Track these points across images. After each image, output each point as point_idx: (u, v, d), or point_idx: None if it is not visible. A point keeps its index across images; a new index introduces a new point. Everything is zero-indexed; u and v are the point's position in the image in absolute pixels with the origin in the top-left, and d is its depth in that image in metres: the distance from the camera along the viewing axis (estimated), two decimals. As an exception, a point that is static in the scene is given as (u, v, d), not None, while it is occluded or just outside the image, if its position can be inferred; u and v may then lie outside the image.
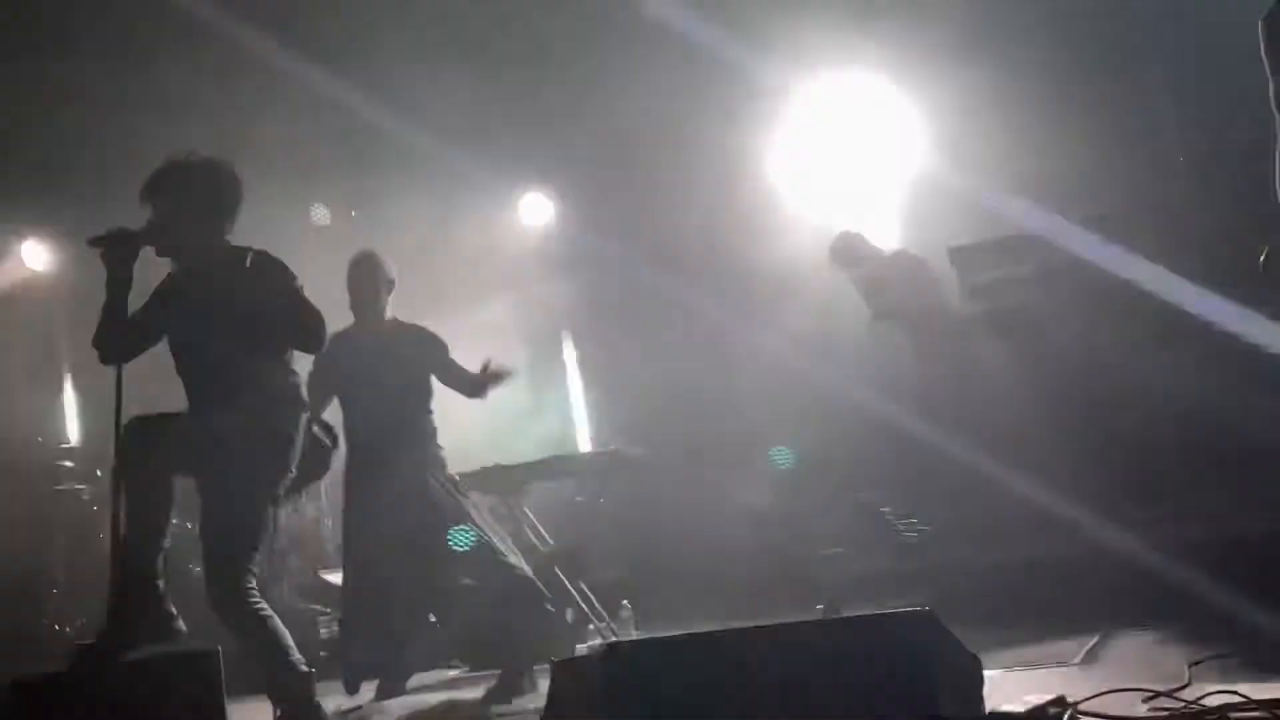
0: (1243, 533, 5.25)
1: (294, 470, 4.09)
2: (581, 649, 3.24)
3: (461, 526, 5.36)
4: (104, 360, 4.05)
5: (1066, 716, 2.58)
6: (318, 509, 8.24)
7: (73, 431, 8.69)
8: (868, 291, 7.36)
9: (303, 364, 4.33)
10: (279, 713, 3.92)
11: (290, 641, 3.99)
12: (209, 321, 4.04)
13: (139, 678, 3.35)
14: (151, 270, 4.21)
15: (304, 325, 4.04)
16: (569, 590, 6.67)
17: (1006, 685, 3.18)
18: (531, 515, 7.16)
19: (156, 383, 4.28)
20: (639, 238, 8.73)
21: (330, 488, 8.05)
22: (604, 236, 9.01)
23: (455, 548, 5.28)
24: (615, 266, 8.90)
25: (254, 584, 3.97)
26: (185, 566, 5.35)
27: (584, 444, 9.50)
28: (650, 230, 8.70)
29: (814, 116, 8.53)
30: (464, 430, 6.32)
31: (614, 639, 5.55)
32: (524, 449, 7.88)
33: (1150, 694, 2.85)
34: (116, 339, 4.04)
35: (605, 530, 8.08)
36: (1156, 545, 5.45)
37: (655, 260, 8.54)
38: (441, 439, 5.74)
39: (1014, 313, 6.28)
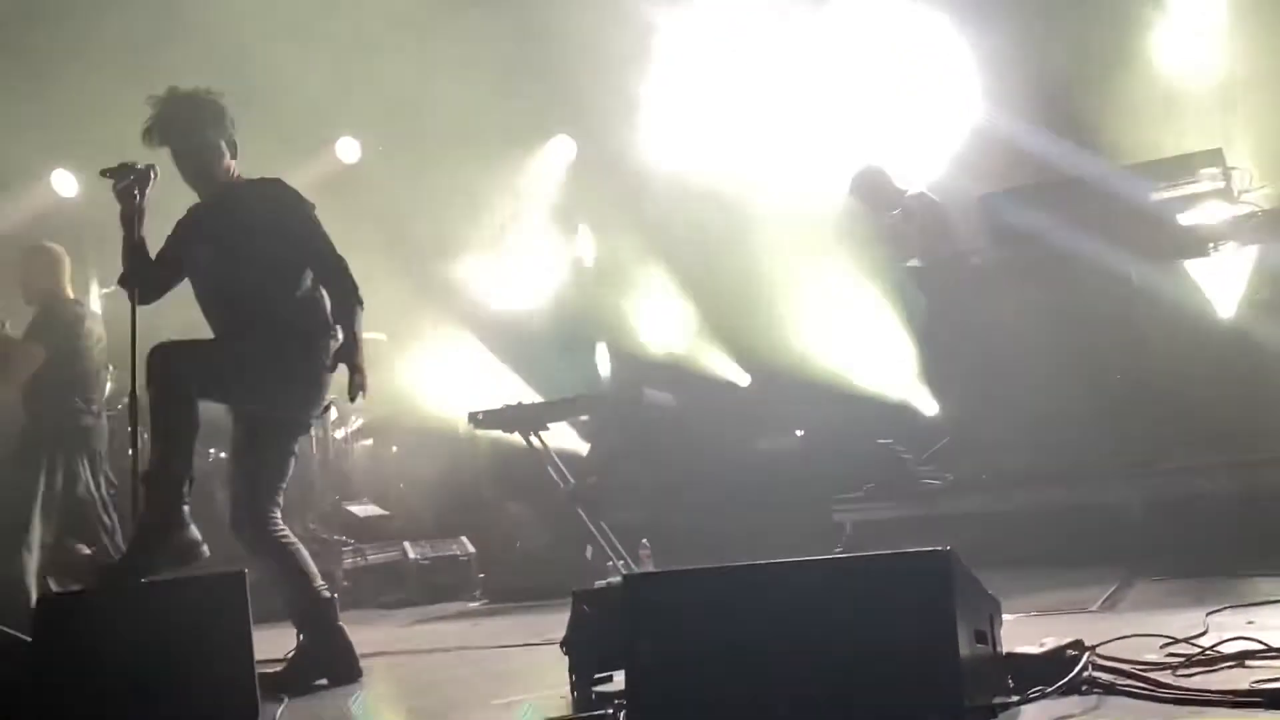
0: (1263, 486, 5.22)
1: (319, 400, 4.12)
2: (600, 583, 3.28)
3: None
4: (140, 301, 4.07)
5: (1084, 659, 2.58)
6: (342, 439, 8.33)
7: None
8: (884, 237, 7.32)
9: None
10: (302, 637, 3.98)
11: (314, 569, 4.06)
12: (225, 252, 4.07)
13: (166, 598, 3.40)
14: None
15: (318, 252, 4.03)
16: (590, 528, 6.75)
17: (1025, 628, 3.20)
18: (554, 454, 7.22)
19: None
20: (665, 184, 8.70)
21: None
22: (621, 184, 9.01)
23: None
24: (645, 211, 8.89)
25: (278, 513, 4.04)
26: (207, 491, 5.42)
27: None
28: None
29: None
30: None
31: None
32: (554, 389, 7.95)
33: (1168, 640, 2.86)
34: (142, 276, 4.06)
35: (626, 471, 8.14)
36: (1177, 496, 5.44)
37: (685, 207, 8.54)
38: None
39: (1036, 260, 6.22)
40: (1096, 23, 7.42)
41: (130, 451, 3.91)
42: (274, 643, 4.02)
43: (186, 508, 3.75)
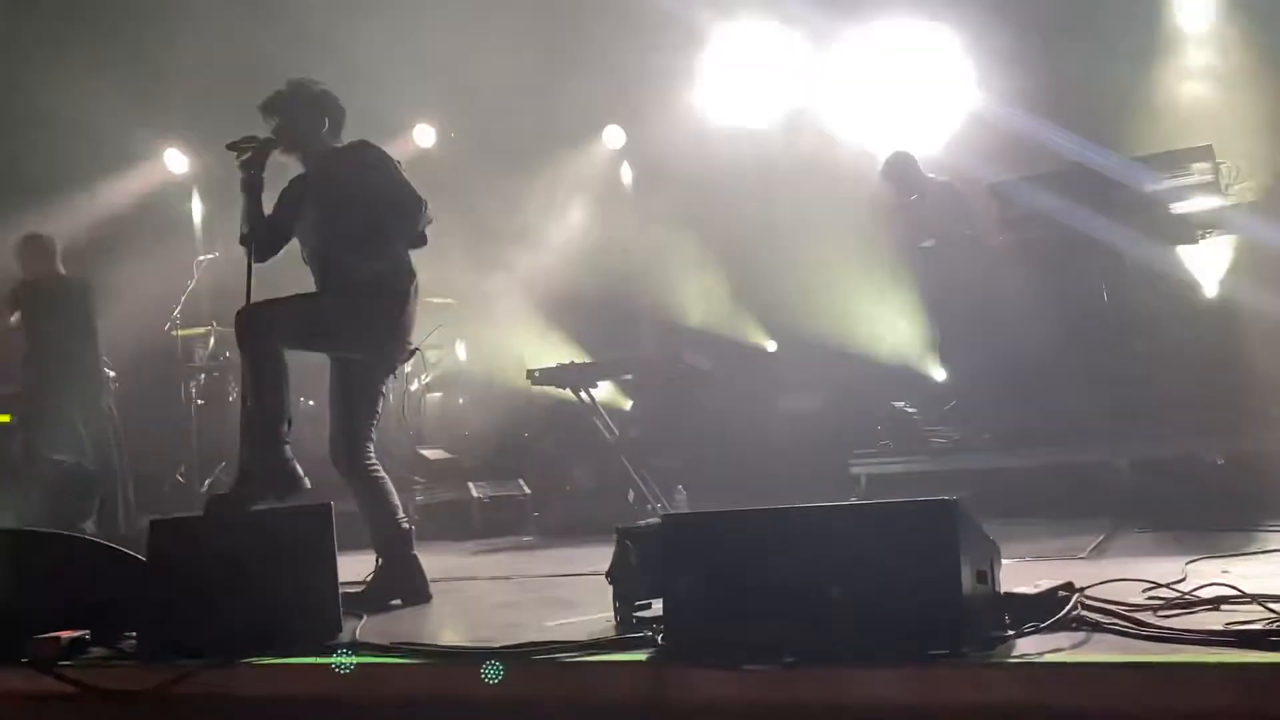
0: (1246, 448, 5.17)
1: (400, 347, 4.14)
2: (641, 523, 3.29)
3: None
4: (256, 259, 4.09)
5: (1074, 600, 2.57)
6: (416, 391, 8.39)
7: (206, 315, 8.86)
8: (904, 218, 7.25)
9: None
10: (380, 562, 4.03)
11: (397, 502, 4.10)
12: (320, 216, 4.10)
13: (263, 525, 3.45)
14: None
15: (398, 203, 4.01)
16: (632, 475, 6.78)
17: (1021, 572, 3.19)
18: (601, 408, 7.25)
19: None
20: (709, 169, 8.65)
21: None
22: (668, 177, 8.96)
23: None
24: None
25: (371, 448, 4.08)
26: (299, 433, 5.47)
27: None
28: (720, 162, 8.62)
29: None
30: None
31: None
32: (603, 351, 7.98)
33: (1150, 585, 2.84)
34: (259, 236, 4.10)
35: (665, 425, 8.16)
36: (1162, 456, 5.40)
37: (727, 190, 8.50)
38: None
39: (1041, 242, 6.15)
40: (1104, 24, 7.29)
41: (241, 394, 3.99)
42: (354, 567, 4.09)
43: (287, 446, 3.79)
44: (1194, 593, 2.72)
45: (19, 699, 3.02)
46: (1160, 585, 2.82)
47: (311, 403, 7.31)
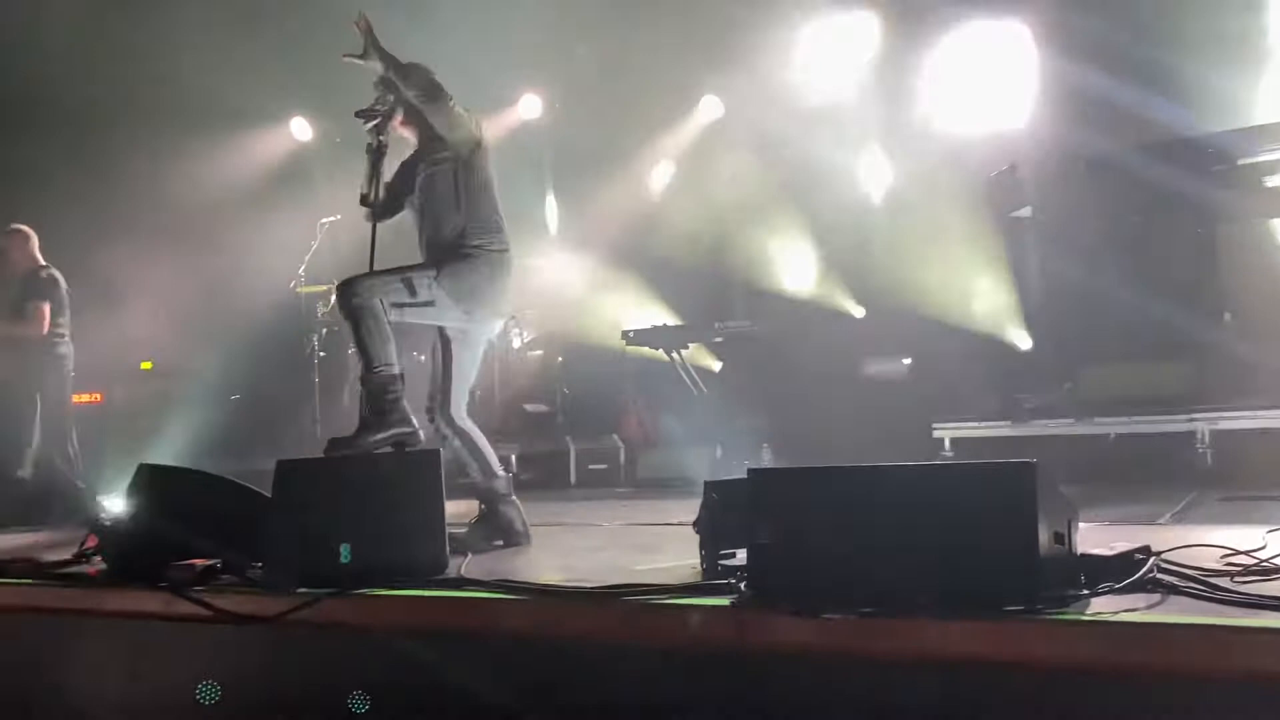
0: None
1: (492, 315, 4.19)
2: (728, 476, 3.29)
3: None
4: (376, 219, 4.22)
5: (1150, 562, 2.50)
6: (518, 350, 8.51)
7: (328, 273, 9.08)
8: (995, 188, 7.04)
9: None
10: (483, 508, 4.13)
11: (491, 451, 4.18)
12: (423, 190, 4.17)
13: (378, 468, 3.54)
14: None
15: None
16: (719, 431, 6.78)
17: (1099, 535, 3.11)
18: (691, 368, 7.25)
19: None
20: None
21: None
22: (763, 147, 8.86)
23: None
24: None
25: (464, 406, 4.17)
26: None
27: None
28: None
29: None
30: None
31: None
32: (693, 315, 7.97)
33: (1229, 551, 2.75)
34: (378, 197, 4.20)
35: (752, 387, 8.13)
36: (1247, 428, 5.21)
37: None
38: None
39: (1133, 212, 5.93)
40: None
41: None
42: (460, 511, 4.18)
43: (401, 400, 3.87)
44: (1273, 560, 2.62)
45: (158, 618, 3.19)
46: (1238, 552, 2.73)
47: (422, 358, 7.46)
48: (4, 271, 7.01)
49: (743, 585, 2.66)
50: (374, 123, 4.15)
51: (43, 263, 7.02)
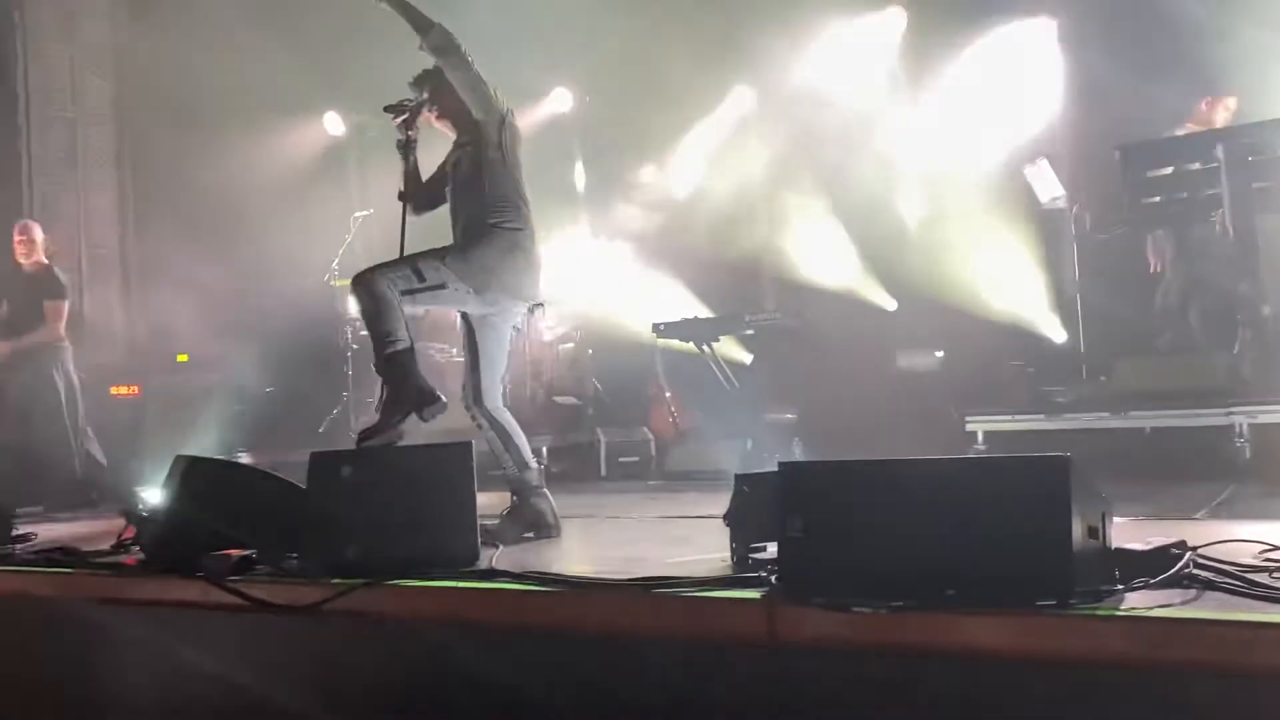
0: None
1: (516, 299, 4.20)
2: (758, 470, 3.28)
3: None
4: (412, 213, 4.28)
5: (1186, 557, 2.47)
6: (548, 342, 8.52)
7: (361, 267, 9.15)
8: (1028, 179, 6.97)
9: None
10: (515, 499, 4.14)
11: (525, 442, 4.19)
12: (455, 180, 4.19)
13: (411, 460, 3.56)
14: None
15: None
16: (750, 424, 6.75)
17: (1134, 529, 3.08)
18: (722, 361, 7.24)
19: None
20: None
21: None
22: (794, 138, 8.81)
23: None
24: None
25: (498, 395, 4.18)
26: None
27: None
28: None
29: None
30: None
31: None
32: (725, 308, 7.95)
33: (1267, 546, 2.71)
34: (414, 192, 4.25)
35: (783, 380, 8.09)
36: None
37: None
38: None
39: (1170, 204, 5.84)
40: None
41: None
42: (491, 503, 4.20)
43: (413, 372, 3.87)
44: (1313, 556, 2.58)
45: (195, 607, 3.23)
46: (1277, 547, 2.69)
47: (454, 350, 7.50)
48: (13, 266, 7.11)
49: (773, 578, 2.66)
50: (403, 118, 4.19)
51: (46, 260, 7.13)
